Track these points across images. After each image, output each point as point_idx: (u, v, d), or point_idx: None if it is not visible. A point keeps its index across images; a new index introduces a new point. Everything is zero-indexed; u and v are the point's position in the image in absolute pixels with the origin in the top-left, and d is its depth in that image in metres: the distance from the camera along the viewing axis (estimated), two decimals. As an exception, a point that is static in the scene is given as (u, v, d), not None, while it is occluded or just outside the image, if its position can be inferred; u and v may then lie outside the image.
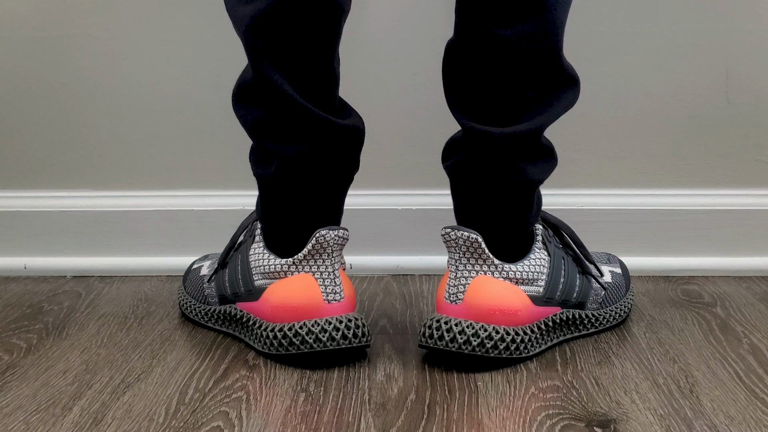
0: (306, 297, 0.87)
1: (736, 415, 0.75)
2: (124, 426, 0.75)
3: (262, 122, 0.89)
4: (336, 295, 0.87)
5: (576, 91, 0.90)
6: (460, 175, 0.90)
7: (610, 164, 1.19)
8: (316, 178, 0.90)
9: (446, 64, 0.90)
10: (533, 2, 0.84)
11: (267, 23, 0.85)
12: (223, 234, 1.18)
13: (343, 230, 0.89)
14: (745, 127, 1.18)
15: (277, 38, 0.85)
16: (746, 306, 1.05)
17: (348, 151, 0.91)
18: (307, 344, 0.86)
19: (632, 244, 1.19)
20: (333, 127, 0.88)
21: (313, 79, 0.87)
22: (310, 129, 0.87)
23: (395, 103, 1.18)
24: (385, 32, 1.17)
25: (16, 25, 1.19)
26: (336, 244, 0.88)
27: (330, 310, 0.87)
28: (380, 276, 1.19)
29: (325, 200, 0.91)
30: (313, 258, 0.88)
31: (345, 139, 0.89)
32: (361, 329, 0.87)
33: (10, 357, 0.91)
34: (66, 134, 1.22)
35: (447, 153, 0.93)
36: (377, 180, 1.20)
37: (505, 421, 0.75)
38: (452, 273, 0.87)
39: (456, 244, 0.87)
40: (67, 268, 1.22)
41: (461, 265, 0.87)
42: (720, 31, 1.16)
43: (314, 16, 0.85)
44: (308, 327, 0.86)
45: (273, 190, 0.91)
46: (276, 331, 0.87)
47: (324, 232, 0.87)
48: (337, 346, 0.86)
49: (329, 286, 0.87)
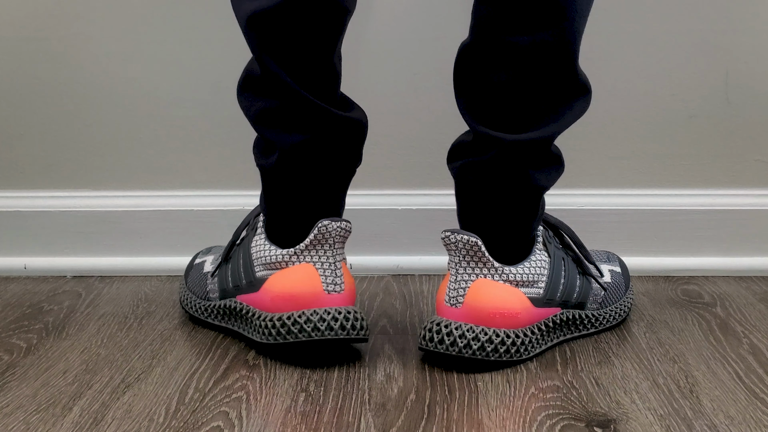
0: (306, 286, 0.87)
1: (736, 415, 0.75)
2: (124, 426, 0.75)
3: (265, 113, 0.89)
4: (336, 287, 0.87)
5: (588, 99, 0.90)
6: (467, 178, 0.90)
7: (610, 164, 1.19)
8: (316, 168, 0.90)
9: (459, 67, 0.90)
10: (553, 10, 0.83)
11: (269, 18, 0.85)
12: (223, 234, 1.18)
13: (345, 222, 0.88)
14: (745, 127, 1.18)
15: (278, 33, 0.86)
16: (746, 306, 1.05)
17: (350, 142, 0.91)
18: (305, 333, 0.85)
19: (632, 244, 1.19)
20: (335, 118, 0.88)
21: (314, 74, 0.88)
22: (312, 119, 0.88)
23: (395, 103, 1.18)
24: (387, 32, 1.17)
25: (16, 25, 1.19)
26: (338, 236, 0.88)
27: (329, 300, 0.87)
28: (380, 276, 1.19)
29: (326, 191, 0.91)
30: (315, 248, 0.88)
31: (346, 130, 0.90)
32: (360, 322, 0.87)
33: (10, 357, 0.91)
34: (66, 134, 1.22)
35: (454, 155, 0.93)
36: (377, 180, 1.20)
37: (505, 421, 0.75)
38: (452, 276, 0.87)
39: (456, 247, 0.86)
40: (67, 268, 1.22)
41: (461, 268, 0.87)
42: (720, 31, 1.16)
43: (317, 15, 0.85)
44: (307, 316, 0.86)
45: (275, 180, 0.91)
46: (275, 320, 0.87)
47: (326, 222, 0.87)
48: (335, 336, 0.85)
49: (329, 276, 0.87)
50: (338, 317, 0.86)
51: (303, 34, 0.86)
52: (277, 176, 0.91)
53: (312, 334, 0.85)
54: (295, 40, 0.86)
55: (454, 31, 1.00)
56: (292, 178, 0.90)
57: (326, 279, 0.87)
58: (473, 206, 0.91)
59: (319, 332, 0.85)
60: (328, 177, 0.91)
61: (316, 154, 0.89)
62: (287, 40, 0.86)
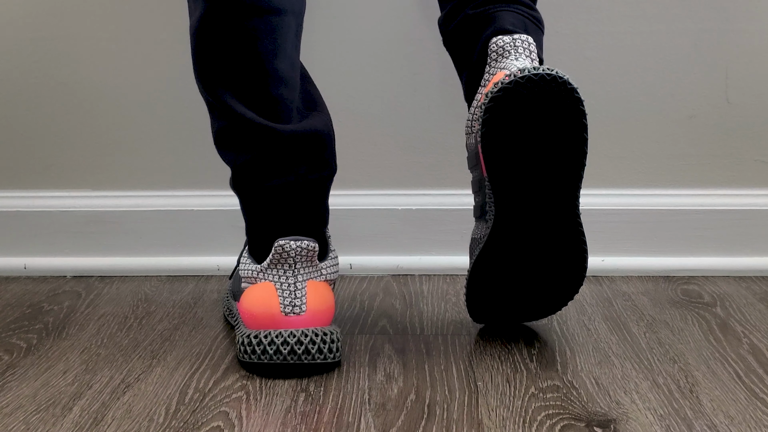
0: (264, 306, 0.85)
1: (736, 415, 0.75)
2: (124, 426, 0.75)
3: (218, 133, 0.91)
4: (295, 308, 0.85)
5: None
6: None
7: (610, 164, 1.19)
8: (269, 185, 0.88)
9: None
10: None
11: (207, 30, 0.87)
12: (223, 234, 1.18)
13: (307, 241, 0.85)
14: (745, 127, 1.18)
15: (216, 44, 0.87)
16: (746, 306, 1.05)
17: (304, 155, 0.89)
18: (256, 355, 0.84)
19: (632, 244, 1.19)
20: (275, 135, 0.87)
21: (254, 89, 0.88)
22: (252, 138, 0.88)
23: (395, 103, 1.18)
24: (386, 32, 1.17)
25: (16, 25, 1.19)
26: (299, 255, 0.85)
27: (286, 322, 0.84)
28: (380, 276, 1.19)
29: (293, 206, 0.89)
30: (275, 267, 0.86)
31: (295, 144, 0.88)
32: (317, 345, 0.84)
33: (10, 357, 0.91)
34: (66, 134, 1.22)
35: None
36: (377, 180, 1.20)
37: (505, 421, 0.75)
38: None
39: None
40: (67, 268, 1.22)
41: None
42: (720, 31, 1.16)
43: (244, 21, 0.86)
44: (260, 338, 0.84)
45: (238, 198, 0.92)
46: (243, 337, 0.86)
47: (282, 242, 0.85)
48: (283, 361, 0.83)
49: (287, 298, 0.85)
50: (289, 341, 0.83)
51: (236, 41, 0.87)
52: (237, 194, 0.92)
53: (262, 358, 0.84)
54: (229, 49, 0.87)
55: (454, 31, 0.99)
56: (245, 196, 0.91)
57: (284, 300, 0.85)
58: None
59: (267, 356, 0.84)
60: (290, 192, 0.88)
61: (262, 171, 0.88)
62: (222, 50, 0.87)
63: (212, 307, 1.07)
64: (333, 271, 0.90)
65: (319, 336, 0.84)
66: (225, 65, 0.87)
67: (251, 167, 0.88)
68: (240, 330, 0.88)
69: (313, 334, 0.84)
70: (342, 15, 1.17)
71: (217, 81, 0.88)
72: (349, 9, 1.17)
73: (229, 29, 0.86)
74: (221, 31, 0.86)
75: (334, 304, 0.89)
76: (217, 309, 1.06)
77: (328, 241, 0.92)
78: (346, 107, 1.16)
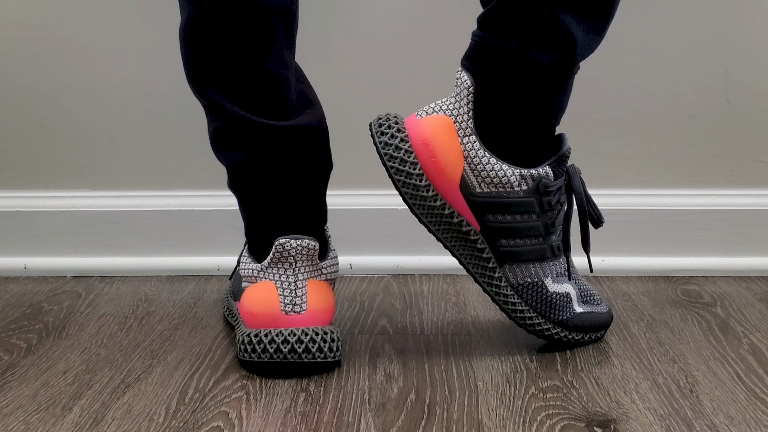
0: (264, 305, 0.85)
1: (736, 415, 0.75)
2: (124, 426, 0.75)
3: (214, 133, 0.91)
4: (296, 307, 0.85)
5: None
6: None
7: (610, 164, 1.19)
8: (267, 183, 0.88)
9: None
10: None
11: (196, 31, 0.87)
12: (223, 234, 1.18)
13: (308, 240, 0.85)
14: (745, 127, 1.18)
15: (205, 45, 0.87)
16: (746, 306, 1.05)
17: (302, 151, 0.89)
18: (256, 354, 0.84)
19: (632, 244, 1.19)
20: (272, 131, 0.87)
21: (247, 87, 0.88)
22: (246, 135, 0.88)
23: (395, 103, 1.18)
24: (386, 32, 1.17)
25: (16, 25, 1.19)
26: (299, 254, 0.85)
27: (286, 321, 0.84)
28: (380, 276, 1.19)
29: (289, 204, 0.89)
30: (275, 266, 0.86)
31: (292, 139, 0.88)
32: (318, 344, 0.84)
33: (10, 357, 0.91)
34: (66, 134, 1.22)
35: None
36: (377, 180, 1.20)
37: (505, 421, 0.75)
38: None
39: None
40: (67, 268, 1.22)
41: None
42: (720, 31, 1.16)
43: (236, 20, 0.86)
44: (260, 337, 0.84)
45: (236, 197, 0.92)
46: (243, 336, 0.86)
47: (283, 240, 0.85)
48: (283, 359, 0.84)
49: (288, 296, 0.85)
50: (290, 340, 0.83)
51: (229, 41, 0.86)
52: (234, 193, 0.92)
53: (262, 356, 0.84)
54: (223, 49, 0.87)
55: (454, 31, 1.00)
56: (243, 195, 0.91)
57: (284, 299, 0.85)
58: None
59: (267, 354, 0.84)
60: (286, 189, 0.89)
61: (260, 169, 0.88)
62: (216, 50, 0.87)
63: (212, 307, 1.07)
64: (333, 270, 0.90)
65: (320, 335, 0.84)
66: (214, 65, 0.88)
67: (247, 165, 0.88)
68: (240, 329, 0.88)
69: (314, 333, 0.84)
70: (341, 15, 1.17)
71: (207, 81, 0.88)
72: (348, 9, 1.17)
73: (216, 29, 0.86)
74: (209, 31, 0.86)
75: (335, 304, 0.89)
76: (217, 309, 1.06)
77: (328, 241, 0.92)
78: (345, 107, 1.16)
